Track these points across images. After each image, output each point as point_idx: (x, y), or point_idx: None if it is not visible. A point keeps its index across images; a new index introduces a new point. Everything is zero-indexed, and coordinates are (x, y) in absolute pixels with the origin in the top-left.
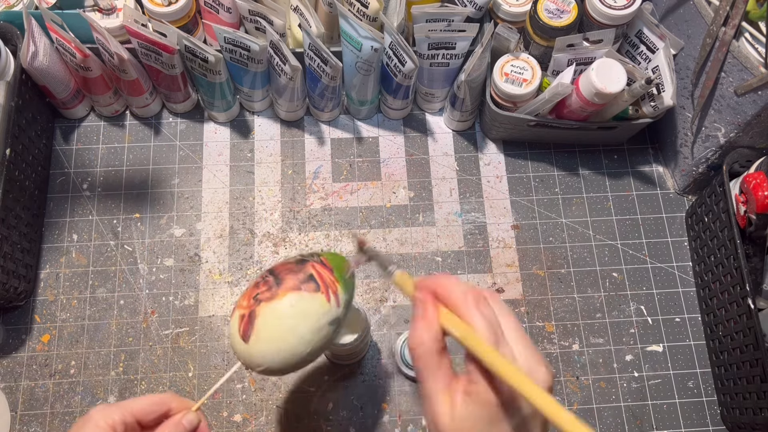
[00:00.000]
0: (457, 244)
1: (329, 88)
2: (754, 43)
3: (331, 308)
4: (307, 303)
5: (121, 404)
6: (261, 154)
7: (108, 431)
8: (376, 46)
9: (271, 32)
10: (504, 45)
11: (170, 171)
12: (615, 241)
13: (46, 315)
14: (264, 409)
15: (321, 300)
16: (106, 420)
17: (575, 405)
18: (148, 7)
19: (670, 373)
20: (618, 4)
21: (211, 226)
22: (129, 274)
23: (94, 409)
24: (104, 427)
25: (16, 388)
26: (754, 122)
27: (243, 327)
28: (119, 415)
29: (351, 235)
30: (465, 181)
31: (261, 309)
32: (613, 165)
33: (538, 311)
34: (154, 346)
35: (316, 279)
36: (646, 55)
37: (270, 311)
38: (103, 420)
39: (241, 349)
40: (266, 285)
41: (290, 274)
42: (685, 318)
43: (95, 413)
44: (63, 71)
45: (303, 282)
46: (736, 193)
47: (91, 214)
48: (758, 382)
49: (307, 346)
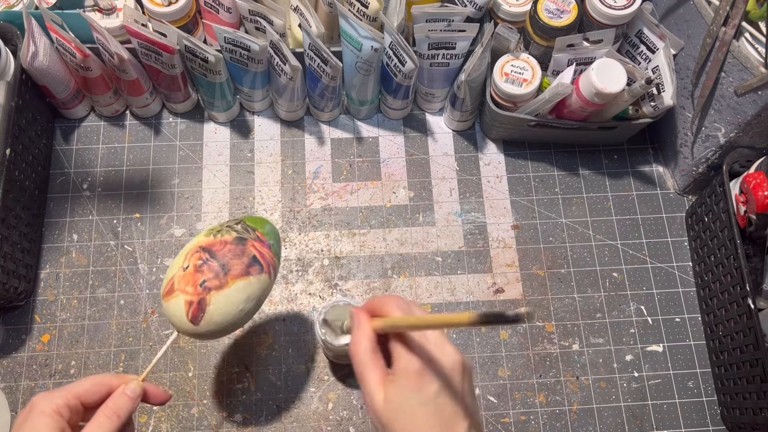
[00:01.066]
0: (457, 244)
1: (329, 88)
2: (754, 43)
3: (271, 282)
4: (255, 286)
5: (63, 388)
6: (261, 154)
7: (53, 416)
8: (376, 46)
9: (271, 32)
10: (504, 45)
11: (170, 171)
12: (615, 241)
13: (46, 315)
14: (264, 409)
15: (265, 280)
16: (50, 406)
17: (575, 405)
18: (148, 7)
19: (670, 373)
20: (618, 4)
21: (211, 226)
22: (129, 274)
23: (36, 397)
24: (49, 412)
25: (16, 388)
26: (754, 122)
27: (192, 312)
28: (62, 399)
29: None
30: (465, 181)
31: (212, 297)
32: (613, 165)
33: (538, 311)
34: (154, 346)
35: (260, 260)
36: (646, 55)
37: (221, 298)
38: (47, 406)
39: (188, 329)
40: (211, 271)
41: (235, 259)
42: (685, 318)
43: (38, 400)
44: (63, 71)
45: (249, 266)
46: (736, 193)
47: (91, 214)
48: (758, 382)
49: (248, 317)
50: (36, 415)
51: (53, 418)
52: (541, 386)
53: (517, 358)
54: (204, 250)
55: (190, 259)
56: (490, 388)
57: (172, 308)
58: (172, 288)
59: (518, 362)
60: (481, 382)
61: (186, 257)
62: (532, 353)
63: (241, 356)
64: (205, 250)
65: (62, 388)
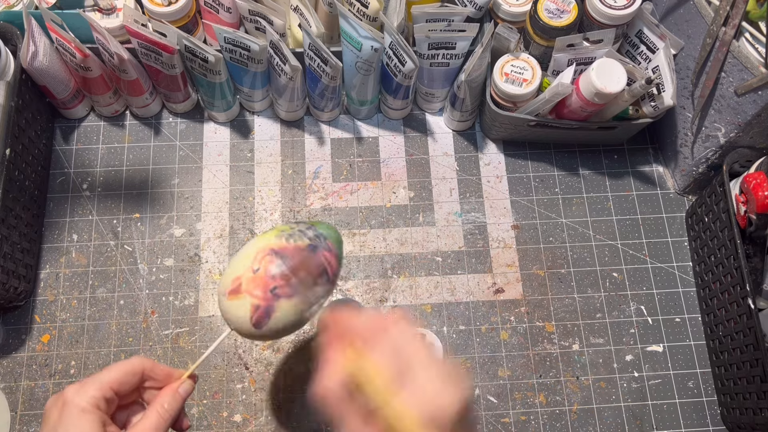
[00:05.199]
0: (457, 244)
1: (329, 88)
2: (754, 43)
3: (332, 290)
4: (320, 294)
5: (95, 379)
6: (261, 154)
7: (95, 412)
8: (376, 46)
9: (271, 32)
10: (504, 45)
11: (170, 171)
12: (615, 241)
13: (46, 315)
14: (264, 409)
15: (329, 289)
16: (87, 400)
17: (575, 405)
18: (148, 7)
19: (670, 373)
20: (618, 4)
21: (211, 226)
22: (129, 274)
23: (69, 391)
24: (89, 408)
25: (16, 388)
26: (754, 122)
27: (257, 317)
28: (99, 391)
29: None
30: (465, 181)
31: (280, 304)
32: (613, 165)
33: (538, 311)
34: (154, 346)
35: (328, 272)
36: (646, 55)
37: (288, 306)
38: (85, 400)
39: (247, 330)
40: (283, 279)
41: (306, 271)
42: (685, 318)
43: (72, 395)
44: (63, 71)
45: (319, 276)
46: (736, 193)
47: (91, 214)
48: (758, 382)
49: (305, 323)
50: (76, 414)
51: (95, 414)
52: (541, 386)
53: (517, 358)
54: (277, 255)
55: (261, 262)
56: (490, 388)
57: (236, 308)
58: (239, 288)
59: (518, 362)
60: (481, 382)
61: (256, 258)
62: (532, 353)
63: (241, 356)
64: (278, 254)
65: (93, 378)
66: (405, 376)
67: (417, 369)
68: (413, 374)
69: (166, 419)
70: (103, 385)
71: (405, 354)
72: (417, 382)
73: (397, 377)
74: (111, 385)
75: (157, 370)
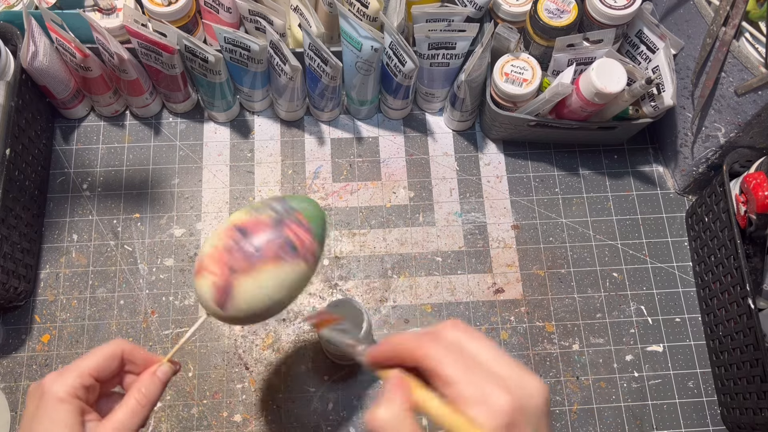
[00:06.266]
0: (457, 244)
1: (329, 88)
2: (754, 43)
3: (308, 270)
4: (287, 273)
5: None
6: (261, 154)
7: (72, 402)
8: (376, 46)
9: (271, 32)
10: (504, 45)
11: (170, 171)
12: (615, 241)
13: (46, 315)
14: (264, 409)
15: (301, 267)
16: (65, 389)
17: (575, 405)
18: (148, 7)
19: (670, 373)
20: (618, 4)
21: (211, 226)
22: (129, 274)
23: (47, 380)
24: (66, 398)
25: (16, 388)
26: (755, 122)
27: (218, 296)
28: (78, 379)
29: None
30: (465, 181)
31: (238, 280)
32: (613, 165)
33: (538, 311)
34: (154, 346)
35: (296, 245)
36: (646, 55)
37: (249, 283)
38: (62, 390)
39: (215, 312)
40: (242, 253)
41: (268, 243)
42: (685, 318)
43: (50, 384)
44: (63, 71)
45: (282, 250)
46: (737, 193)
47: (91, 214)
48: (758, 382)
49: (281, 306)
50: (52, 404)
51: (72, 404)
52: None
53: (517, 358)
54: (238, 230)
55: (222, 238)
56: None
57: (200, 289)
58: (201, 266)
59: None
60: None
61: (219, 236)
62: (532, 353)
63: (241, 356)
64: (239, 229)
65: (73, 365)
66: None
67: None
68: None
69: (144, 404)
70: (81, 372)
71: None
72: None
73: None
74: (90, 372)
75: (136, 353)
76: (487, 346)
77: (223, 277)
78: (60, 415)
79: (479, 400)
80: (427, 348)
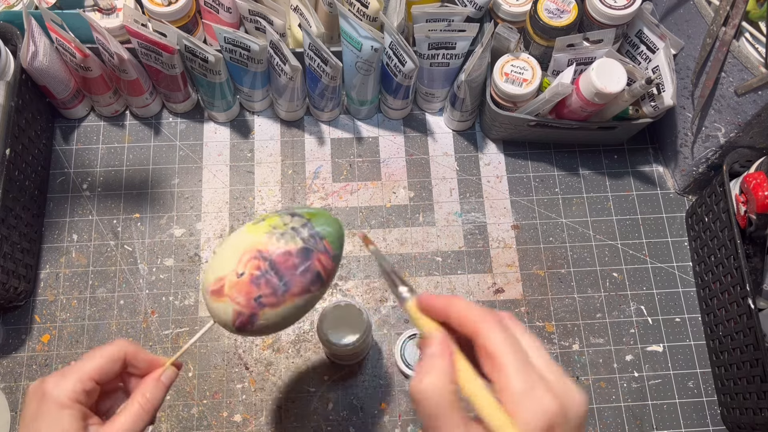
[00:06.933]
0: (457, 244)
1: (329, 88)
2: (754, 43)
3: (326, 289)
4: (308, 300)
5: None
6: (261, 154)
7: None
8: (376, 46)
9: (271, 32)
10: (504, 45)
11: (170, 171)
12: (615, 241)
13: (46, 315)
14: (264, 409)
15: (322, 291)
16: (67, 394)
17: None
18: (148, 7)
19: (670, 373)
20: (618, 4)
21: (211, 226)
22: (129, 274)
23: (49, 382)
24: (68, 403)
25: (16, 388)
26: (754, 122)
27: (240, 322)
28: (79, 384)
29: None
30: (465, 181)
31: (264, 313)
32: (613, 165)
33: (538, 311)
34: (154, 346)
35: (322, 276)
36: (646, 55)
37: (274, 315)
38: (65, 395)
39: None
40: (269, 287)
41: (296, 277)
42: (685, 318)
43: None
44: (63, 71)
45: (311, 283)
46: (736, 193)
47: (91, 214)
48: (758, 382)
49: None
50: (54, 409)
51: (74, 409)
52: None
53: None
54: (264, 259)
55: (246, 265)
56: None
57: (218, 311)
58: (221, 291)
59: None
60: None
61: (242, 261)
62: None
63: (241, 356)
64: (266, 258)
65: (72, 368)
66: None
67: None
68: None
69: (148, 409)
70: (83, 376)
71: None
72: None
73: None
74: (92, 375)
75: (140, 356)
76: (540, 347)
77: (248, 308)
78: (62, 421)
79: (528, 395)
80: (490, 327)
